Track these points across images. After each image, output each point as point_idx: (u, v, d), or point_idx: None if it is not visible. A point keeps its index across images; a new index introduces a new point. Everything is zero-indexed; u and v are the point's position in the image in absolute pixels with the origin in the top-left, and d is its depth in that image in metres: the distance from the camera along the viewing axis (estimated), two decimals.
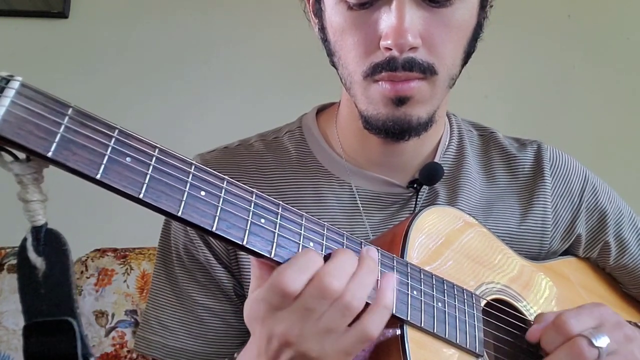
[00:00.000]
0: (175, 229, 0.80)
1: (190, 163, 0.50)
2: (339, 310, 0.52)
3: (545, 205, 0.84)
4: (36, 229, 0.44)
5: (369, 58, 0.67)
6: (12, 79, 0.41)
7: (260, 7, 1.97)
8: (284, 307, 0.52)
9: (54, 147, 0.42)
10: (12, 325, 1.24)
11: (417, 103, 0.69)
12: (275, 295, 0.52)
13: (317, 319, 0.52)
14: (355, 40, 0.68)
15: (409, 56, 0.65)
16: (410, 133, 0.71)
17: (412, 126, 0.70)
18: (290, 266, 0.52)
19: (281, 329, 0.52)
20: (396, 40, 0.64)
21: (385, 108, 0.69)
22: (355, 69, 0.69)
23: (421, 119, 0.70)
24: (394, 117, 0.69)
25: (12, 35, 1.93)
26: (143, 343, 0.78)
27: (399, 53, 0.65)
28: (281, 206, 0.55)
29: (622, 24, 1.96)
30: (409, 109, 0.69)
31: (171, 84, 1.92)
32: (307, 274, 0.52)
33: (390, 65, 0.65)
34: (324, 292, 0.51)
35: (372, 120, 0.70)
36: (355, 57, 0.68)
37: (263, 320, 0.53)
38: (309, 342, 0.52)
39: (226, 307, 0.79)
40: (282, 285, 0.51)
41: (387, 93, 0.67)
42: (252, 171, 0.81)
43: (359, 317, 0.54)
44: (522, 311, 0.73)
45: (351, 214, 0.78)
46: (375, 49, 0.67)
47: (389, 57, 0.65)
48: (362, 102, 0.71)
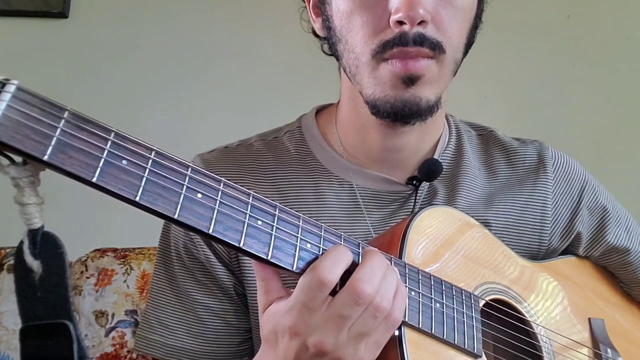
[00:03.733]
0: (175, 228, 0.80)
1: (186, 165, 0.50)
2: (371, 313, 0.53)
3: (546, 201, 0.84)
4: (32, 232, 0.44)
5: (379, 36, 0.68)
6: (8, 83, 0.41)
7: (260, 8, 1.97)
8: (318, 308, 0.52)
9: (50, 150, 0.42)
10: (12, 325, 1.25)
11: (426, 83, 0.69)
12: (312, 291, 0.52)
13: (351, 325, 0.53)
14: (365, 20, 0.69)
15: (419, 31, 0.66)
16: (419, 116, 0.71)
17: (421, 108, 0.70)
18: (324, 260, 0.53)
19: (316, 338, 0.52)
20: (408, 11, 0.65)
21: (393, 90, 0.69)
22: (364, 49, 0.69)
23: (430, 101, 0.70)
24: (403, 98, 0.69)
25: (12, 35, 1.94)
26: (143, 342, 0.78)
27: (411, 26, 0.66)
28: (278, 208, 0.55)
29: (622, 24, 1.96)
30: (418, 89, 0.69)
31: (171, 84, 1.93)
32: (340, 266, 0.53)
33: (401, 39, 0.66)
34: (358, 298, 0.52)
35: (379, 103, 0.70)
36: (364, 36, 0.69)
37: (294, 330, 0.53)
38: (344, 349, 0.53)
39: (226, 306, 0.79)
40: (319, 278, 0.51)
41: (398, 71, 0.68)
42: (252, 171, 0.81)
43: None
44: (521, 311, 0.73)
45: (352, 213, 0.78)
46: (384, 27, 0.68)
47: (400, 31, 0.66)
48: (368, 86, 0.71)
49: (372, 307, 0.53)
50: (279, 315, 0.54)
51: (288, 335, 0.53)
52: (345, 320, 0.52)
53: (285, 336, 0.54)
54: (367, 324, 0.53)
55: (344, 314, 0.52)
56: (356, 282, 0.52)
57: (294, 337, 0.53)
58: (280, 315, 0.54)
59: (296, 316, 0.53)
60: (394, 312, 0.55)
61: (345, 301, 0.52)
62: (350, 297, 0.52)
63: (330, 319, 0.52)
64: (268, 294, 0.57)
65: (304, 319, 0.52)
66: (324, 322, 0.52)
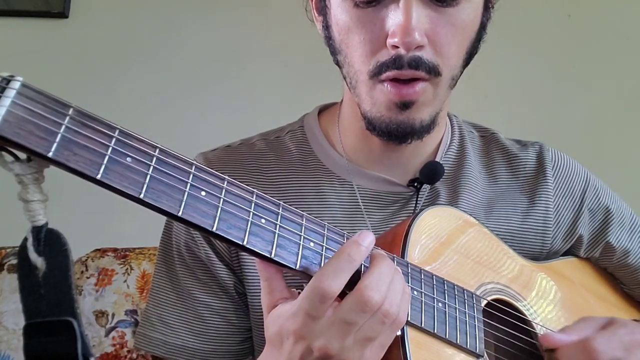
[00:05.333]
0: (177, 226, 0.80)
1: (190, 163, 0.50)
2: (378, 319, 0.53)
3: (547, 205, 0.84)
4: (36, 229, 0.44)
5: (375, 57, 0.68)
6: (12, 79, 0.41)
7: (261, 6, 1.97)
8: (322, 316, 0.52)
9: (55, 147, 0.42)
10: (12, 325, 1.24)
11: (421, 106, 0.69)
12: (314, 302, 0.51)
13: (357, 330, 0.52)
14: (362, 39, 0.68)
15: (416, 55, 0.66)
16: (413, 136, 0.72)
17: (415, 129, 0.70)
18: (328, 267, 0.52)
19: (321, 343, 0.52)
20: (403, 38, 0.64)
21: (388, 112, 0.69)
22: (361, 68, 0.69)
23: (424, 122, 0.70)
24: (397, 120, 0.69)
25: (12, 35, 1.93)
26: (144, 340, 0.78)
27: (406, 51, 0.65)
28: (281, 206, 0.55)
29: (622, 24, 1.96)
30: (412, 112, 0.69)
31: (171, 84, 1.92)
32: (344, 275, 0.52)
33: (396, 63, 0.66)
34: (365, 306, 0.52)
35: (375, 122, 0.71)
36: (361, 55, 0.69)
37: (299, 334, 0.53)
38: (349, 352, 0.53)
39: (227, 305, 0.79)
40: (322, 289, 0.51)
41: (392, 97, 0.68)
42: (254, 170, 0.81)
43: None
44: (522, 311, 0.73)
45: (352, 213, 0.78)
46: (381, 47, 0.67)
47: (395, 55, 0.66)
48: (366, 103, 0.71)
49: (381, 313, 0.53)
50: (283, 318, 0.54)
51: (293, 339, 0.53)
52: (351, 326, 0.52)
53: (290, 339, 0.53)
54: (374, 329, 0.53)
55: (351, 320, 0.52)
56: (364, 290, 0.52)
57: (299, 341, 0.53)
58: (284, 318, 0.54)
59: (300, 322, 0.52)
60: (400, 315, 0.55)
61: (352, 308, 0.52)
62: (357, 305, 0.52)
63: (336, 324, 0.52)
64: (272, 294, 0.56)
65: (308, 325, 0.52)
66: (329, 327, 0.52)
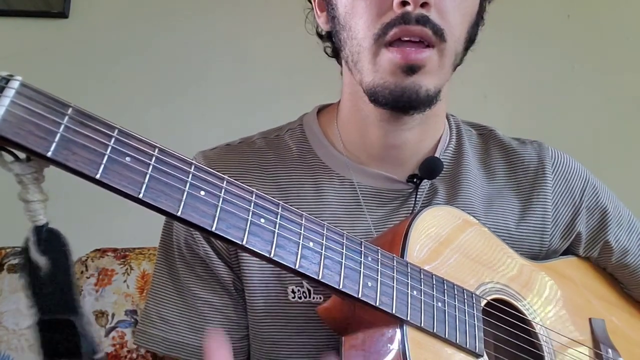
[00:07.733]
0: (177, 224, 0.80)
1: (190, 163, 0.50)
2: None
3: (546, 204, 0.84)
4: (37, 228, 0.44)
5: (381, 19, 0.68)
6: (12, 79, 0.41)
7: (260, 8, 1.97)
8: None
9: (54, 146, 0.42)
10: (12, 325, 1.24)
11: (427, 73, 0.69)
12: None
13: None
14: (368, 3, 0.69)
15: (422, 12, 0.67)
16: (417, 106, 0.71)
17: (420, 97, 0.70)
18: None
19: None
20: None
21: (393, 77, 0.69)
22: (366, 33, 0.70)
23: (429, 91, 0.70)
24: (402, 85, 0.69)
25: (12, 35, 1.93)
26: (143, 337, 0.78)
27: (414, 7, 0.66)
28: (281, 206, 0.55)
29: (622, 24, 1.96)
30: (418, 78, 0.69)
31: (171, 84, 1.92)
32: None
33: (404, 18, 0.67)
34: None
35: (378, 89, 0.70)
36: (367, 20, 0.69)
37: None
38: None
39: (226, 302, 0.79)
40: None
41: (398, 61, 0.68)
42: (254, 168, 0.81)
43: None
44: (522, 310, 0.73)
45: (352, 211, 0.79)
46: (387, 9, 0.68)
47: (403, 12, 0.66)
48: (368, 73, 0.71)
49: None
50: None
51: None
52: None
53: None
54: None
55: None
56: None
57: None
58: None
59: None
60: None
61: None
62: None
63: None
64: None
65: None
66: None
